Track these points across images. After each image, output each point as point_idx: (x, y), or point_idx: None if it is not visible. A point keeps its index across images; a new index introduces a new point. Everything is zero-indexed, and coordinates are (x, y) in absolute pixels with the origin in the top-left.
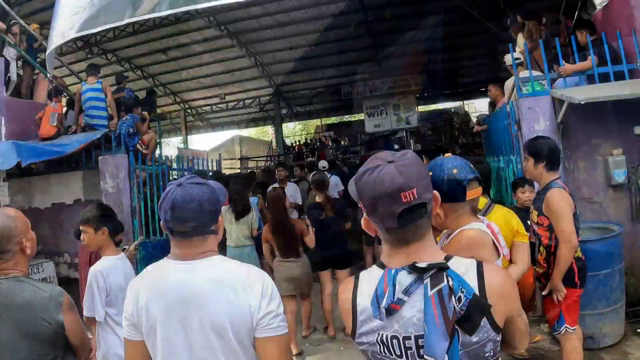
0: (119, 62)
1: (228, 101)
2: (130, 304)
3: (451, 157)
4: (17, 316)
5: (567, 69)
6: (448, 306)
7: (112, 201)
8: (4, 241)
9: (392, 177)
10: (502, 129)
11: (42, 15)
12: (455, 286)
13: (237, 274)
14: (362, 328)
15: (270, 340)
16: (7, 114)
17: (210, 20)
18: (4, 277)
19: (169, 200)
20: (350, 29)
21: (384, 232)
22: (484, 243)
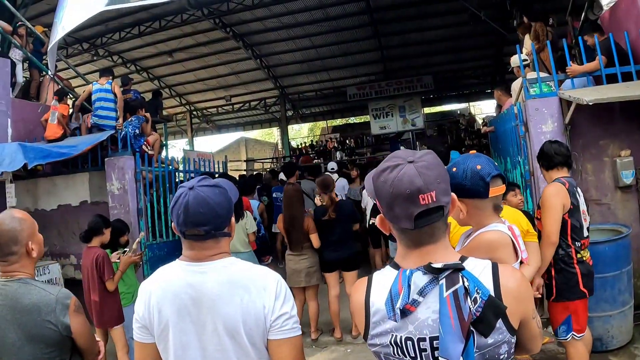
0: (124, 64)
1: (234, 103)
2: (141, 306)
3: (475, 153)
4: (23, 318)
5: (575, 70)
6: (463, 307)
7: (118, 202)
8: (10, 243)
9: (411, 178)
10: (509, 131)
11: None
12: (470, 287)
13: (251, 275)
14: (375, 329)
15: (284, 342)
16: (13, 116)
17: (216, 23)
18: (10, 279)
19: (182, 204)
20: (355, 31)
21: (399, 233)
22: (504, 246)
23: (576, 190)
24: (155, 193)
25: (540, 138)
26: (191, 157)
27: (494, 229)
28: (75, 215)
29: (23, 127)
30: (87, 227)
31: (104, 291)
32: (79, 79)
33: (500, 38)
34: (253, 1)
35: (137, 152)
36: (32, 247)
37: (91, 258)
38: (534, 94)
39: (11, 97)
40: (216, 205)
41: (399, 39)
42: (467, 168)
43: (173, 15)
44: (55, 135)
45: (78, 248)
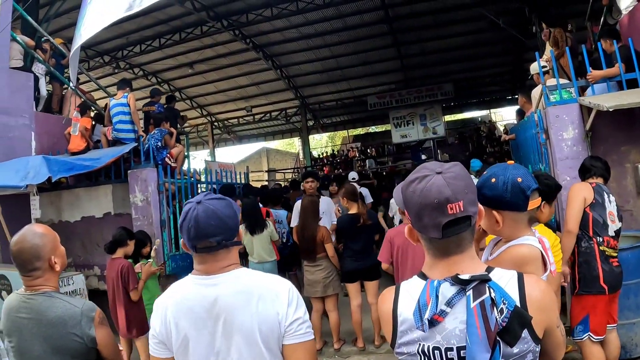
0: (145, 76)
1: (254, 113)
2: (157, 322)
3: (514, 164)
4: (49, 331)
5: (595, 75)
6: (490, 318)
7: (141, 214)
8: (33, 260)
9: (439, 188)
10: (530, 138)
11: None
12: (497, 298)
13: (263, 284)
14: (403, 338)
15: (298, 347)
16: (37, 129)
17: (235, 34)
18: (35, 292)
19: (192, 218)
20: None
21: (426, 242)
22: (534, 260)
23: (604, 192)
24: (177, 204)
25: (561, 145)
26: (213, 168)
27: (525, 243)
28: (99, 227)
29: (47, 140)
30: (111, 239)
31: (129, 301)
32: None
33: (519, 44)
34: (272, 12)
35: (160, 164)
36: (55, 260)
37: (116, 269)
38: (554, 101)
39: (35, 110)
40: (225, 217)
41: (418, 47)
42: (508, 180)
43: (193, 27)
44: (78, 148)
45: (102, 259)
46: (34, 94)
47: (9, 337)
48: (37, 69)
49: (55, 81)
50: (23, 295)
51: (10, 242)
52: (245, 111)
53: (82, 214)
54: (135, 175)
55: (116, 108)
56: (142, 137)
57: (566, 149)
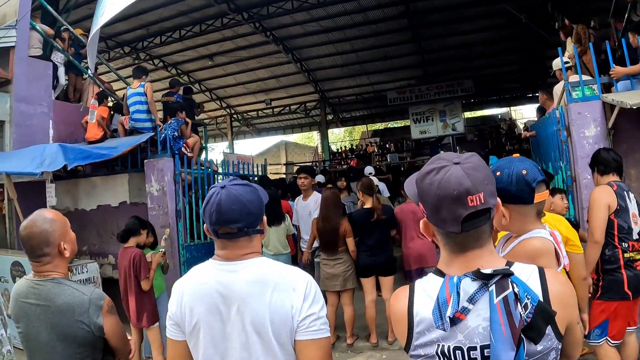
0: (165, 67)
1: (274, 107)
2: (174, 304)
3: (520, 157)
4: (56, 318)
5: (618, 72)
6: (514, 314)
7: (157, 204)
8: (42, 245)
9: (459, 179)
10: (551, 135)
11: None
12: (520, 293)
13: (281, 275)
14: (419, 340)
15: (310, 343)
16: (55, 117)
17: (256, 27)
18: (43, 279)
19: (214, 203)
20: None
21: (443, 237)
22: (547, 253)
23: (626, 193)
24: (193, 195)
25: (583, 143)
26: (231, 160)
27: (537, 236)
28: (115, 216)
29: (64, 129)
30: (124, 228)
31: (140, 291)
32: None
33: (541, 41)
34: (293, 5)
35: (176, 154)
36: (65, 246)
37: (128, 258)
38: (576, 98)
39: (53, 99)
40: (248, 203)
41: (439, 43)
42: (512, 173)
43: (214, 19)
44: (95, 136)
45: (116, 248)
46: (52, 83)
47: (17, 322)
48: (56, 58)
49: (73, 71)
50: (32, 281)
51: (20, 227)
52: (264, 104)
53: (98, 203)
54: (152, 165)
55: (133, 97)
56: (159, 127)
57: (587, 146)
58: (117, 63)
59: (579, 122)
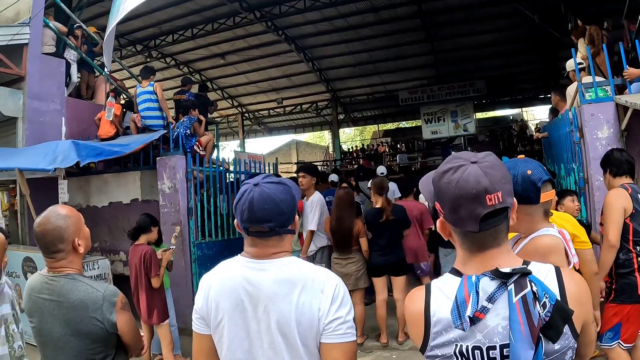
0: (177, 66)
1: (285, 106)
2: (200, 298)
3: (524, 158)
4: (70, 314)
5: (631, 73)
6: (533, 313)
7: (168, 201)
8: (56, 241)
9: (477, 178)
10: (564, 137)
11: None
12: (539, 292)
13: (310, 276)
14: (436, 340)
15: (335, 347)
16: (67, 114)
17: (268, 25)
18: (57, 274)
19: (246, 200)
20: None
21: (460, 237)
22: (558, 250)
23: (639, 194)
24: (205, 193)
25: (596, 144)
26: (242, 158)
27: (547, 233)
28: (126, 213)
29: (77, 126)
30: (136, 225)
31: (151, 288)
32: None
33: (554, 42)
34: (305, 4)
35: (189, 152)
36: (79, 242)
37: (139, 255)
38: (589, 99)
39: (65, 96)
40: (281, 202)
41: (451, 43)
42: (518, 173)
43: (225, 18)
44: (108, 133)
45: (128, 245)
46: (65, 80)
47: (31, 317)
48: (69, 55)
49: (84, 69)
50: (46, 276)
51: (34, 223)
52: (276, 103)
53: (109, 200)
54: (164, 162)
55: (143, 96)
56: (171, 125)
57: (600, 148)
58: (129, 61)
59: (592, 123)
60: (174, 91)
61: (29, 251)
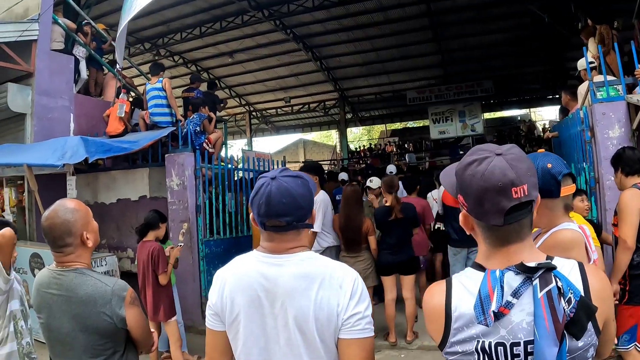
0: (185, 64)
1: (293, 104)
2: (214, 294)
3: (544, 152)
4: (78, 309)
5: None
6: (558, 308)
7: (177, 198)
8: (64, 235)
9: (503, 170)
10: (574, 136)
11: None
12: (564, 287)
13: (328, 271)
14: (457, 336)
15: (353, 343)
16: (76, 111)
17: (276, 24)
18: (66, 269)
19: (264, 194)
20: (415, 34)
21: (484, 230)
22: (579, 245)
23: None
24: (214, 190)
25: (607, 144)
26: (250, 157)
27: (568, 228)
28: (134, 210)
29: (85, 122)
30: (144, 222)
31: (158, 285)
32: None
33: (562, 42)
34: (313, 3)
35: (198, 149)
36: (87, 236)
37: (147, 252)
38: (600, 98)
39: (74, 92)
40: (299, 196)
41: (459, 43)
42: (538, 167)
43: (234, 16)
44: (116, 130)
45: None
46: (74, 77)
47: (39, 312)
48: (78, 52)
49: (93, 66)
50: (54, 271)
51: (42, 217)
52: (283, 102)
53: (117, 197)
54: (173, 159)
55: (152, 92)
56: (180, 122)
57: (612, 147)
58: (137, 59)
59: (603, 122)
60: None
61: (37, 247)
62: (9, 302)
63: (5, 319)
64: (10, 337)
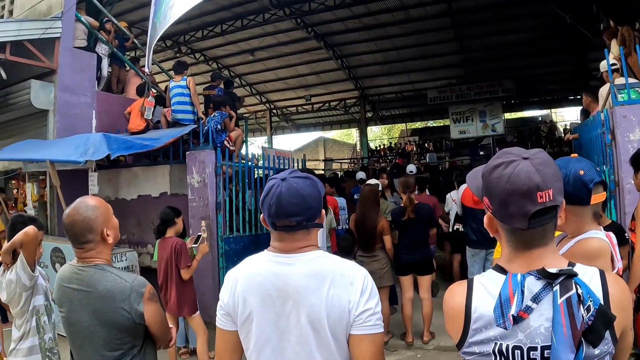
0: (206, 61)
1: (313, 103)
2: (226, 294)
3: (577, 157)
4: (97, 304)
5: None
6: (576, 315)
7: (197, 195)
8: (85, 232)
9: (529, 174)
10: (595, 138)
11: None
12: (584, 295)
13: (338, 269)
14: (475, 337)
15: (364, 338)
16: (98, 108)
17: (297, 22)
18: (86, 264)
19: (274, 195)
20: (436, 33)
21: (508, 233)
22: (605, 255)
23: None
24: (234, 188)
25: (627, 147)
26: (270, 154)
27: (595, 237)
28: (155, 206)
29: (107, 119)
30: (160, 221)
31: (182, 280)
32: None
33: (584, 43)
34: (334, 1)
35: (219, 147)
36: (108, 233)
37: (169, 247)
38: (621, 100)
39: (96, 89)
40: (308, 197)
41: (480, 42)
42: (570, 173)
43: (255, 14)
44: (138, 127)
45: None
46: (96, 74)
47: (60, 306)
48: (100, 49)
49: (115, 63)
50: (75, 267)
51: (63, 214)
52: (304, 100)
53: (138, 193)
54: (194, 157)
55: (175, 90)
56: (201, 120)
57: (632, 150)
58: (158, 56)
59: (624, 125)
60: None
61: (58, 242)
62: (33, 298)
63: (28, 314)
64: (32, 332)
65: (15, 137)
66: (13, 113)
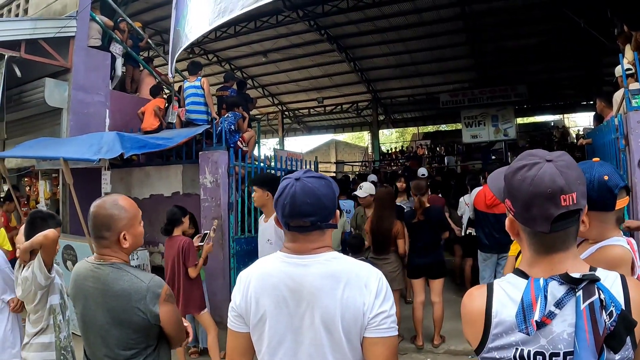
0: (219, 62)
1: (325, 105)
2: (238, 295)
3: (600, 162)
4: (112, 303)
5: None
6: (599, 321)
7: (209, 195)
8: (102, 228)
9: (553, 177)
10: (608, 144)
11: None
12: (607, 300)
13: (353, 270)
14: (496, 342)
15: (378, 341)
16: (111, 107)
17: (310, 25)
18: (104, 262)
19: (288, 195)
20: (449, 37)
21: (530, 237)
22: (626, 262)
23: None
24: (246, 189)
25: None
26: (281, 156)
27: (617, 244)
28: (167, 206)
29: (120, 118)
30: (167, 221)
31: (189, 279)
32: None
33: (598, 48)
34: (348, 4)
35: (232, 147)
36: (126, 237)
37: (177, 246)
38: (636, 106)
39: (110, 89)
40: (323, 197)
41: (494, 46)
42: (594, 178)
43: (268, 16)
44: (152, 126)
45: None
46: (110, 73)
47: (75, 303)
48: (115, 49)
49: (130, 63)
50: (92, 264)
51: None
52: (316, 102)
53: (151, 192)
54: (206, 157)
55: (189, 90)
56: (215, 120)
57: None
58: None
59: (638, 130)
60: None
61: (70, 239)
62: (49, 296)
63: (45, 312)
64: (49, 329)
65: (29, 135)
66: (27, 111)
